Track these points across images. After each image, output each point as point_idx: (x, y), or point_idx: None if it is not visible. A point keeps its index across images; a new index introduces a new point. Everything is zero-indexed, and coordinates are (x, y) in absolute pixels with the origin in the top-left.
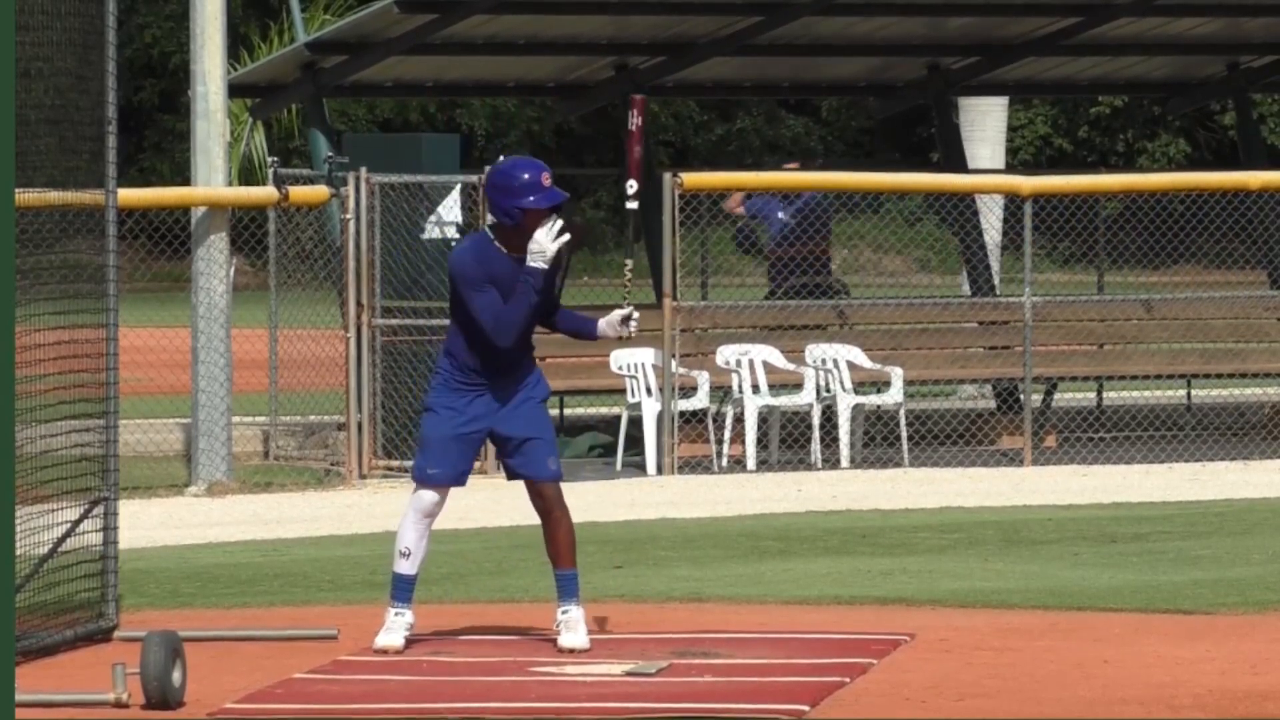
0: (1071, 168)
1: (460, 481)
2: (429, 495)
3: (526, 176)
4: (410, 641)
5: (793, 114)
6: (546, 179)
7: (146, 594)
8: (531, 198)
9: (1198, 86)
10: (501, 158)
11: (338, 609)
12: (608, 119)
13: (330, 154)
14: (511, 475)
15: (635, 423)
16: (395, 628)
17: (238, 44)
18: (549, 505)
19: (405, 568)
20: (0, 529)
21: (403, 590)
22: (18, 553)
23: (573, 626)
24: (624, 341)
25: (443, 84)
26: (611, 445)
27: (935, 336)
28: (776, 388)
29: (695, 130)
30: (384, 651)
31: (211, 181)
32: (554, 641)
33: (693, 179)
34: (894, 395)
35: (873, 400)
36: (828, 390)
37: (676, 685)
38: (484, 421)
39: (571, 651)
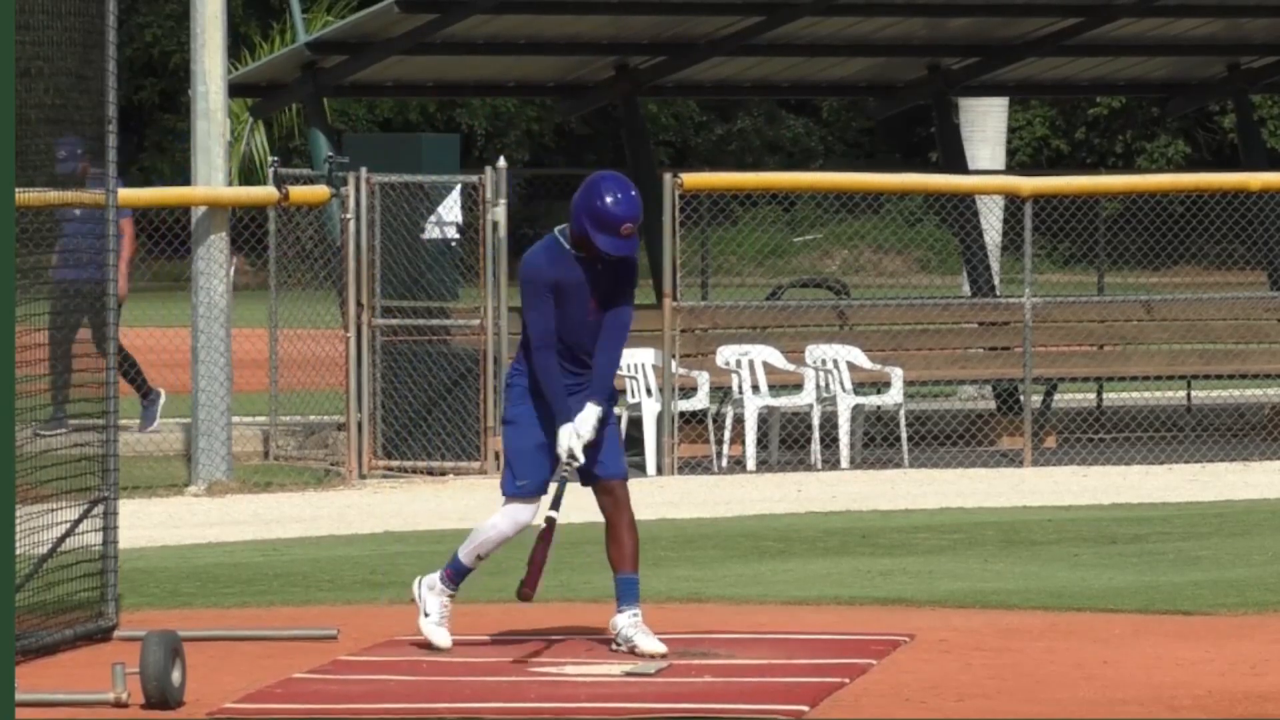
0: (1070, 169)
1: (545, 489)
2: (524, 511)
3: (615, 212)
4: (409, 642)
5: (793, 114)
6: (627, 229)
7: (146, 594)
8: (606, 239)
9: (1197, 87)
10: (600, 174)
11: (338, 609)
12: (608, 119)
13: (330, 154)
14: (585, 480)
15: (635, 423)
16: (446, 617)
17: (238, 44)
18: (620, 505)
19: (472, 565)
20: (0, 529)
21: (460, 577)
22: (18, 552)
23: (647, 631)
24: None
25: (443, 84)
26: None
27: (935, 337)
28: (776, 388)
29: (695, 130)
30: (438, 649)
31: (211, 181)
32: (608, 644)
33: (693, 179)
34: (894, 396)
35: (873, 401)
36: (828, 391)
37: (676, 685)
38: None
39: (653, 656)
